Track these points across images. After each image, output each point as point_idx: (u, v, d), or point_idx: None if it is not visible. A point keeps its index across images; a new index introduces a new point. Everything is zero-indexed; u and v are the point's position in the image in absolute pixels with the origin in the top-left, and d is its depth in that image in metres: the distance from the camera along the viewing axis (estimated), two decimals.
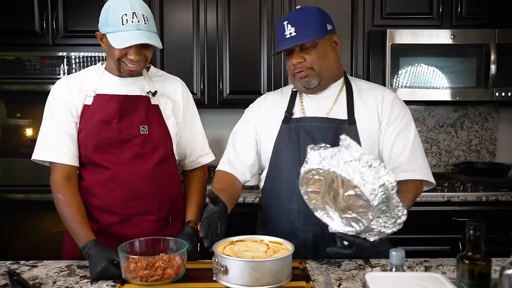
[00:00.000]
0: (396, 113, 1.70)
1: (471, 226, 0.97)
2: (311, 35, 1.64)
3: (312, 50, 1.67)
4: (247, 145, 1.82)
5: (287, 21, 1.66)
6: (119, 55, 1.63)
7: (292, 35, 1.64)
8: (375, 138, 1.70)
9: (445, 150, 3.57)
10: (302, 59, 1.67)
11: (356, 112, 1.71)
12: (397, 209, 1.37)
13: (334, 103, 1.75)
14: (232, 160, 1.82)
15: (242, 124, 1.87)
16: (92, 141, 1.67)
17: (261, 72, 3.14)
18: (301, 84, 1.72)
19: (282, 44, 1.68)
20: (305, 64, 1.67)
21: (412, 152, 1.69)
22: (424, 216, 2.82)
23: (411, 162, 1.68)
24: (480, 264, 0.98)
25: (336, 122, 1.70)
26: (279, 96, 1.86)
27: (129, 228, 1.70)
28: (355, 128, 1.68)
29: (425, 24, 3.11)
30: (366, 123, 1.69)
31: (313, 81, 1.70)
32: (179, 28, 3.13)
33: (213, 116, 3.45)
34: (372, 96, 1.74)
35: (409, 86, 3.04)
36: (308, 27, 1.65)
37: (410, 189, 1.66)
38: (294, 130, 1.73)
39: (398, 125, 1.70)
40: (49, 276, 1.53)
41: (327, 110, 1.74)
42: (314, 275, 1.51)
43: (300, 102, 1.79)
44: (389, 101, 1.71)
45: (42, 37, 2.96)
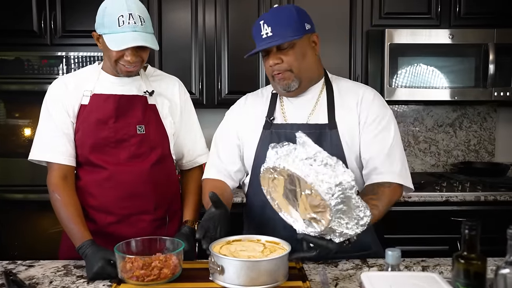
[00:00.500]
0: (375, 113, 1.65)
1: (467, 226, 0.97)
2: (287, 35, 1.57)
3: (290, 50, 1.59)
4: (231, 153, 1.76)
5: (263, 20, 1.59)
6: (116, 56, 1.62)
7: (269, 35, 1.57)
8: (357, 142, 1.65)
9: (444, 150, 3.57)
10: (279, 60, 1.60)
11: (337, 115, 1.66)
12: (358, 210, 1.30)
13: (314, 106, 1.69)
14: (218, 168, 1.76)
15: (225, 129, 1.81)
16: (88, 141, 1.67)
17: (260, 72, 3.13)
18: (281, 87, 1.65)
19: (258, 45, 1.61)
20: (283, 66, 1.61)
21: (389, 155, 1.62)
22: (422, 216, 2.82)
23: (387, 165, 1.62)
24: (476, 264, 0.98)
25: (317, 127, 1.65)
26: (259, 98, 1.80)
27: (126, 228, 1.70)
28: (336, 132, 1.64)
29: (423, 24, 3.10)
30: (347, 125, 1.64)
31: (292, 83, 1.64)
32: (177, 27, 3.13)
33: (211, 116, 3.43)
34: (352, 95, 1.69)
35: (408, 86, 3.04)
36: (285, 26, 1.57)
37: (385, 194, 1.58)
38: (275, 136, 1.67)
39: (376, 126, 1.64)
40: (46, 276, 1.53)
41: (307, 114, 1.69)
42: (311, 275, 1.51)
43: (281, 106, 1.73)
44: (368, 101, 1.66)
45: (40, 37, 2.95)
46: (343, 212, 1.29)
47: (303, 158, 1.30)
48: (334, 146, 1.62)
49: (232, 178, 1.77)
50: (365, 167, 1.66)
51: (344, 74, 2.75)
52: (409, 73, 3.04)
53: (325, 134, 1.63)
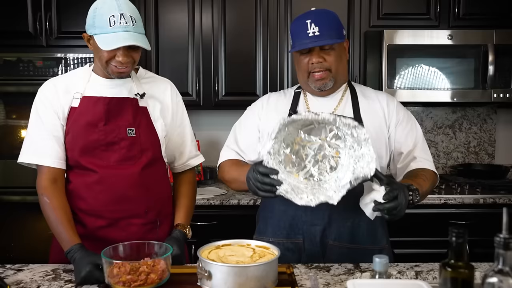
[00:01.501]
0: (401, 113, 1.79)
1: (453, 233, 0.94)
2: (335, 37, 1.65)
3: (331, 51, 1.68)
4: (251, 143, 1.81)
5: (310, 20, 1.65)
6: (107, 57, 1.61)
7: (316, 34, 1.64)
8: (382, 141, 1.74)
9: (443, 152, 3.54)
10: (321, 59, 1.68)
11: (362, 113, 1.74)
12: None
13: (338, 104, 1.77)
14: (237, 152, 1.83)
15: (245, 121, 1.87)
16: (78, 144, 1.65)
17: (257, 73, 3.12)
18: (316, 85, 1.73)
19: (303, 42, 1.66)
20: (324, 65, 1.68)
21: (423, 147, 1.78)
22: (420, 219, 2.79)
23: (423, 155, 1.76)
24: (463, 272, 0.95)
25: None
26: (282, 96, 1.86)
27: (116, 232, 1.68)
28: None
29: (422, 24, 3.08)
30: (372, 124, 1.73)
31: (329, 83, 1.72)
32: (174, 28, 3.11)
33: (208, 117, 3.45)
34: (376, 99, 1.80)
35: (407, 88, 3.02)
36: (332, 28, 1.66)
37: (430, 174, 1.72)
38: None
39: (407, 123, 1.78)
40: (34, 281, 1.52)
41: (332, 108, 1.77)
42: (302, 280, 1.49)
43: (305, 102, 1.80)
44: (393, 104, 1.79)
45: (35, 38, 2.94)
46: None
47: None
48: None
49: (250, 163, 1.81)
50: (402, 160, 1.77)
51: None
52: (407, 74, 3.02)
53: None
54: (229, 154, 1.84)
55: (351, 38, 3.09)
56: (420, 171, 1.71)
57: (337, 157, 1.54)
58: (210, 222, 2.84)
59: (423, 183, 1.63)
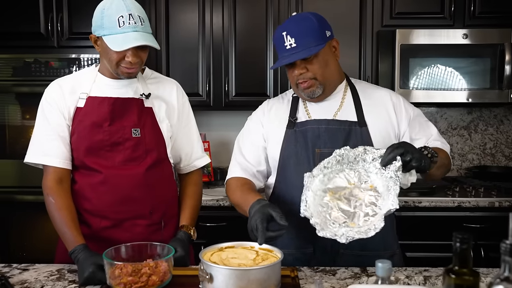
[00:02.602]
0: (410, 109, 1.74)
1: (458, 239, 0.90)
2: (312, 46, 1.59)
3: (314, 59, 1.62)
4: (257, 153, 1.77)
5: (285, 31, 1.61)
6: (117, 58, 1.60)
7: (293, 46, 1.59)
8: (389, 141, 1.67)
9: (458, 154, 3.47)
10: (304, 69, 1.63)
11: (366, 114, 1.70)
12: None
13: (340, 105, 1.72)
14: (244, 167, 1.77)
15: (248, 131, 1.82)
16: (83, 144, 1.65)
17: (267, 74, 3.10)
18: (305, 94, 1.69)
19: (282, 56, 1.63)
20: (308, 75, 1.63)
21: (439, 136, 1.75)
22: (434, 222, 2.74)
23: (439, 143, 1.73)
24: (468, 279, 0.91)
25: (346, 124, 1.68)
26: (280, 102, 1.82)
27: (121, 232, 1.67)
28: (366, 130, 1.67)
29: (436, 23, 3.02)
30: (378, 125, 1.69)
31: (317, 90, 1.67)
32: (184, 29, 3.11)
33: (219, 118, 3.44)
34: (379, 98, 1.74)
35: (420, 88, 2.96)
36: (307, 37, 1.59)
37: (443, 151, 1.68)
38: (300, 134, 1.69)
39: (418, 119, 1.74)
40: (38, 280, 1.52)
41: (333, 112, 1.72)
42: (306, 284, 1.47)
43: (304, 107, 1.76)
44: (399, 101, 1.74)
45: (47, 40, 2.96)
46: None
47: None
48: (364, 142, 1.64)
49: (257, 177, 1.78)
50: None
51: (354, 75, 2.69)
52: (421, 74, 2.97)
53: (355, 131, 1.67)
54: (236, 170, 1.78)
55: (363, 37, 3.05)
56: (436, 148, 1.66)
57: (373, 189, 1.49)
58: (219, 223, 2.82)
59: (438, 152, 1.58)
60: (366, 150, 1.50)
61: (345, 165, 1.52)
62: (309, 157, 1.67)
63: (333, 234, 1.38)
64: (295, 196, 1.65)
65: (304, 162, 1.67)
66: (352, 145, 1.63)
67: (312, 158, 1.66)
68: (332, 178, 1.52)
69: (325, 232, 1.38)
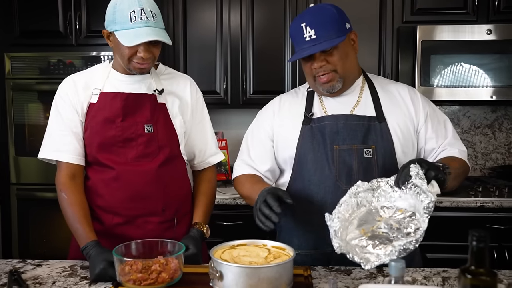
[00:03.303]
0: (427, 105, 1.70)
1: (474, 237, 0.86)
2: (333, 38, 1.54)
3: (334, 51, 1.57)
4: (262, 153, 1.74)
5: (304, 22, 1.55)
6: (129, 54, 1.59)
7: (312, 38, 1.54)
8: (409, 136, 1.65)
9: (482, 153, 3.38)
10: (324, 62, 1.58)
11: (384, 109, 1.66)
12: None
13: (358, 101, 1.68)
14: (250, 165, 1.75)
15: (256, 129, 1.78)
16: (96, 140, 1.65)
17: (286, 71, 3.06)
18: (324, 88, 1.63)
19: (302, 48, 1.58)
20: (328, 67, 1.58)
21: (455, 137, 1.71)
22: (455, 223, 2.66)
23: (457, 145, 1.70)
24: (484, 280, 0.87)
25: (365, 119, 1.64)
26: (294, 97, 1.77)
27: (133, 229, 1.66)
28: (386, 125, 1.63)
29: (459, 19, 2.94)
30: (397, 120, 1.65)
31: (337, 84, 1.62)
32: (202, 27, 3.10)
33: (236, 116, 3.42)
34: (397, 92, 1.70)
35: (442, 86, 2.89)
36: (328, 28, 1.54)
37: (461, 162, 1.64)
38: (317, 130, 1.65)
39: (435, 116, 1.70)
40: (50, 276, 1.52)
41: (351, 107, 1.67)
42: (320, 283, 1.43)
43: (320, 102, 1.71)
44: (418, 101, 1.69)
45: (65, 38, 2.99)
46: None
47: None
48: (384, 138, 1.62)
49: (263, 175, 1.75)
50: (433, 155, 1.69)
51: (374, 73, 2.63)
52: (443, 72, 2.89)
53: (374, 126, 1.63)
54: (242, 169, 1.76)
55: (382, 34, 2.99)
56: (450, 157, 1.63)
57: (404, 212, 1.44)
58: (236, 222, 2.80)
59: (452, 163, 1.53)
60: (378, 181, 1.48)
61: (364, 206, 1.48)
62: (327, 153, 1.62)
63: (378, 259, 1.29)
64: (313, 194, 1.64)
65: (322, 159, 1.63)
66: (373, 140, 1.60)
67: (331, 154, 1.62)
68: (360, 225, 1.44)
69: (371, 264, 1.29)
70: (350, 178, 1.60)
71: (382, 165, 1.62)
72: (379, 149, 1.62)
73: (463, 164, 1.65)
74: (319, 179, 1.63)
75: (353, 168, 1.61)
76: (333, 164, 1.61)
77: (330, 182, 1.61)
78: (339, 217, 1.40)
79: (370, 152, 1.61)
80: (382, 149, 1.62)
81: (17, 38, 3.03)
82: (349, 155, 1.61)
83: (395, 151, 1.63)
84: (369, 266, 1.27)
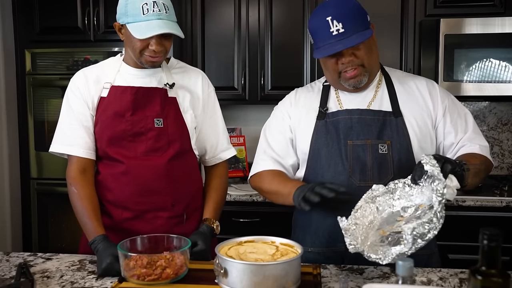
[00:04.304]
0: (446, 99, 1.64)
1: (485, 235, 0.80)
2: (360, 31, 1.49)
3: (361, 45, 1.52)
4: (285, 145, 1.70)
5: (330, 16, 1.48)
6: (140, 46, 1.58)
7: (340, 32, 1.47)
8: (426, 131, 1.60)
9: (509, 151, 3.25)
10: (352, 56, 1.52)
11: (401, 103, 1.61)
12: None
13: (374, 95, 1.63)
14: (275, 159, 1.70)
15: (275, 123, 1.74)
16: (106, 134, 1.64)
17: (305, 67, 3.01)
18: (350, 84, 1.58)
19: (329, 43, 1.49)
20: (356, 62, 1.53)
21: (475, 132, 1.64)
22: (479, 222, 2.56)
23: (478, 139, 1.62)
24: (496, 281, 0.81)
25: (380, 114, 1.59)
26: (309, 91, 1.73)
27: (142, 224, 1.64)
28: (402, 120, 1.59)
29: (485, 12, 2.82)
30: (414, 114, 1.60)
31: (363, 79, 1.57)
32: (220, 22, 3.07)
33: (254, 112, 3.38)
34: (415, 87, 1.65)
35: (466, 81, 2.78)
36: (355, 20, 1.49)
37: (483, 158, 1.57)
38: (331, 125, 1.61)
39: (454, 110, 1.63)
40: (59, 270, 1.52)
41: (367, 102, 1.63)
42: (330, 282, 1.39)
43: (336, 96, 1.67)
44: (437, 94, 1.64)
45: (84, 33, 3.01)
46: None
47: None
48: (400, 133, 1.58)
49: (287, 170, 1.70)
50: (452, 151, 1.63)
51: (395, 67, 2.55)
52: (467, 66, 2.78)
53: (390, 121, 1.59)
54: (268, 163, 1.69)
55: (404, 28, 2.90)
56: (470, 154, 1.56)
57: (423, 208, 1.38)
58: (253, 219, 2.77)
59: (472, 160, 1.47)
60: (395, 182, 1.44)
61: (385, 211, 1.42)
62: (341, 149, 1.58)
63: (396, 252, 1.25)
64: None
65: (336, 154, 1.59)
66: (388, 135, 1.55)
67: (344, 150, 1.58)
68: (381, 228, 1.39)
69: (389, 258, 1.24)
70: (364, 174, 1.55)
71: (398, 161, 1.56)
72: (395, 145, 1.57)
73: (485, 160, 1.57)
74: (332, 175, 1.58)
75: (367, 164, 1.56)
76: (346, 160, 1.56)
77: (344, 178, 1.56)
78: (357, 224, 1.35)
79: (385, 147, 1.56)
80: (398, 145, 1.57)
81: (37, 35, 3.06)
82: (363, 150, 1.56)
83: (411, 147, 1.57)
84: (387, 261, 1.23)
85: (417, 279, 1.42)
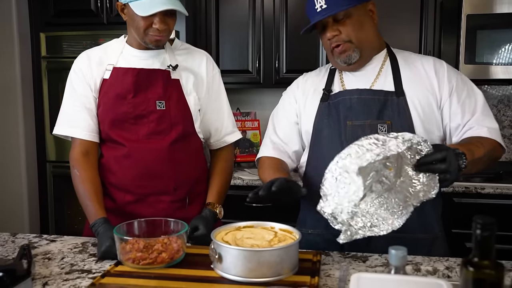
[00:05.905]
0: (454, 82, 1.56)
1: (479, 224, 0.75)
2: (342, 4, 1.49)
3: (347, 20, 1.52)
4: (290, 131, 1.69)
5: None
6: (144, 25, 1.55)
7: (323, 8, 1.50)
8: (431, 112, 1.55)
9: None
10: (336, 31, 1.53)
11: (405, 83, 1.56)
12: None
13: (377, 75, 1.60)
14: (276, 145, 1.70)
15: (282, 108, 1.74)
16: (108, 116, 1.63)
17: (320, 50, 2.94)
18: (341, 60, 1.57)
19: (312, 19, 1.54)
20: (341, 37, 1.53)
21: (484, 113, 1.55)
22: (498, 210, 2.49)
23: (486, 122, 1.54)
24: (489, 273, 0.76)
25: (381, 93, 1.55)
26: (317, 75, 1.72)
27: (144, 208, 1.64)
28: (404, 99, 1.54)
29: None
30: (417, 94, 1.54)
31: (353, 54, 1.55)
32: (235, 5, 3.02)
33: (269, 95, 3.33)
34: (421, 66, 1.59)
35: (489, 63, 2.67)
36: None
37: (489, 142, 1.49)
38: (333, 107, 1.59)
39: (461, 93, 1.55)
40: (61, 252, 1.52)
41: (370, 82, 1.59)
42: (331, 270, 1.35)
43: (340, 78, 1.64)
44: (444, 73, 1.57)
45: (97, 16, 3.00)
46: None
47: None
48: (401, 113, 1.53)
49: (290, 157, 1.70)
50: (458, 133, 1.56)
51: (414, 50, 2.47)
52: (490, 48, 2.66)
53: (391, 101, 1.55)
54: (268, 150, 1.70)
55: (424, 9, 2.79)
56: (475, 138, 1.49)
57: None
58: (265, 204, 2.73)
59: (474, 149, 1.40)
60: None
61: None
62: (340, 130, 1.55)
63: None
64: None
65: (336, 136, 1.56)
66: (389, 115, 1.52)
67: (344, 131, 1.54)
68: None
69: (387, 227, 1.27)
70: None
71: None
72: (395, 125, 1.51)
73: (492, 146, 1.49)
74: (332, 157, 1.54)
75: None
76: (345, 141, 1.52)
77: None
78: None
79: (385, 128, 1.51)
80: (398, 125, 1.51)
81: (52, 18, 3.07)
82: (362, 131, 1.51)
83: (414, 128, 1.51)
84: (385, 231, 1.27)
85: (422, 268, 1.37)
